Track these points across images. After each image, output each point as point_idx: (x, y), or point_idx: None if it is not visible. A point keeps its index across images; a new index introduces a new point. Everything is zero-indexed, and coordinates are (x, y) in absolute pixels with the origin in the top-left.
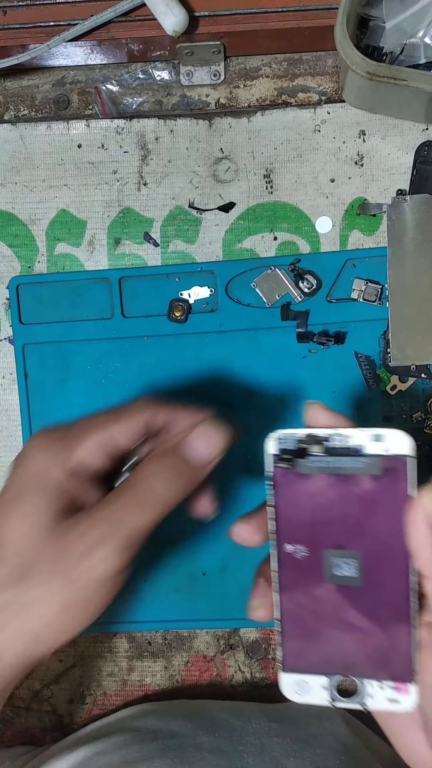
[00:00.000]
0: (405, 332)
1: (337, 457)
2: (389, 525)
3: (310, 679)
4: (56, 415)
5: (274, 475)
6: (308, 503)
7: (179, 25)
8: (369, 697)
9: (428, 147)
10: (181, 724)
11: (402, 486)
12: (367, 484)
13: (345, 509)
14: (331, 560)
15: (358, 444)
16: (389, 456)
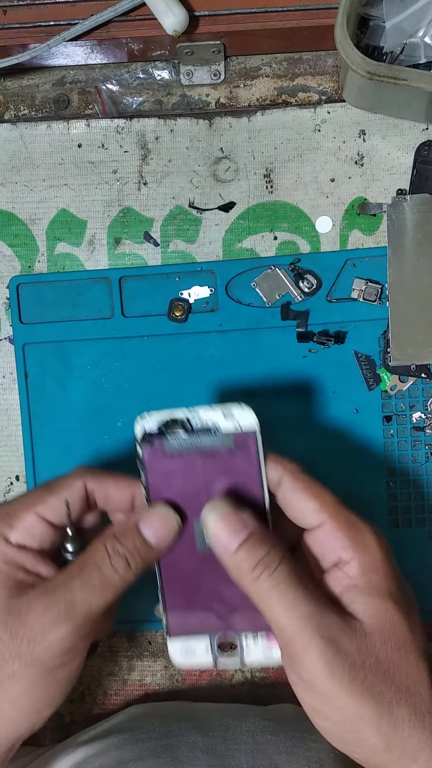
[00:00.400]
0: (405, 332)
1: (196, 436)
2: (245, 489)
3: (194, 643)
4: (56, 415)
5: (144, 457)
6: (176, 479)
7: (179, 25)
8: (246, 653)
9: (428, 147)
10: (175, 724)
11: (253, 455)
12: (224, 458)
13: (207, 481)
14: (201, 528)
15: (213, 423)
16: (240, 432)
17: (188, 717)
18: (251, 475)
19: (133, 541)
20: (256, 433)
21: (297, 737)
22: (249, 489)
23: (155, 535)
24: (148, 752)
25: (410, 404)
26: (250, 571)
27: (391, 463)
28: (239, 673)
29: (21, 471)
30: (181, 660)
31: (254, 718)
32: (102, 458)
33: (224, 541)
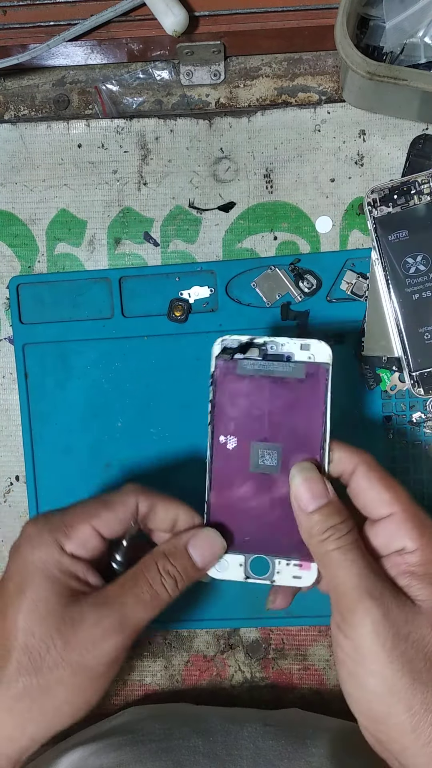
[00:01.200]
0: (380, 324)
1: (270, 362)
2: (307, 422)
3: (229, 558)
4: (56, 415)
5: (216, 374)
6: (242, 401)
7: (179, 25)
8: (277, 574)
9: (423, 140)
10: (176, 727)
11: (321, 388)
12: (293, 387)
13: (272, 407)
14: (257, 451)
15: (288, 351)
16: (313, 363)
17: (189, 720)
18: (316, 407)
19: (182, 562)
20: (329, 366)
21: (299, 743)
22: (311, 421)
23: (202, 557)
24: (148, 755)
25: (410, 404)
26: (320, 533)
27: (390, 464)
28: (239, 673)
29: (21, 471)
30: (214, 573)
31: (256, 724)
32: (102, 458)
33: (304, 501)
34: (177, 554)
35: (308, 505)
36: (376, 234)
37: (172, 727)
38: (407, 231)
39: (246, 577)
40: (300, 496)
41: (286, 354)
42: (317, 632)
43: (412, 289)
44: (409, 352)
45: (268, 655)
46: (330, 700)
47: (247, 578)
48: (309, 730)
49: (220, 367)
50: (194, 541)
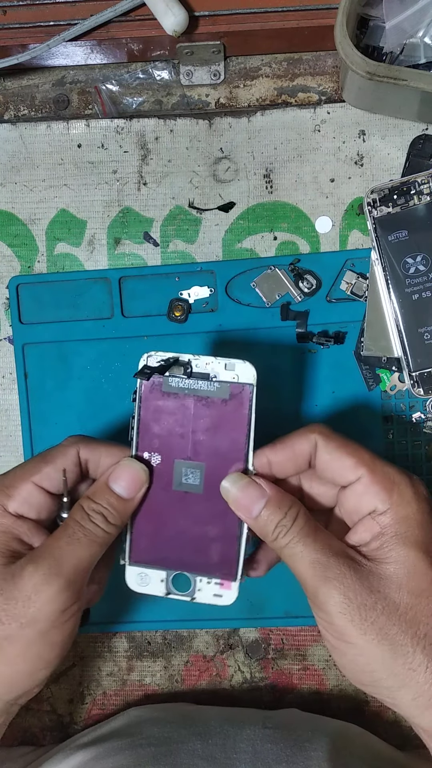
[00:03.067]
0: (380, 324)
1: (195, 380)
2: (230, 442)
3: (150, 573)
4: (56, 415)
5: (141, 389)
6: (167, 417)
7: (179, 25)
8: (198, 591)
9: (423, 140)
10: (175, 731)
11: (245, 409)
12: (217, 406)
13: (196, 426)
14: (180, 469)
15: (213, 370)
16: (237, 383)
17: (188, 722)
18: (240, 428)
19: (105, 497)
20: (253, 387)
21: (297, 746)
22: (235, 442)
23: (125, 488)
24: (147, 759)
25: (410, 404)
26: (271, 534)
27: None
28: (239, 673)
29: None
30: (135, 586)
31: (255, 726)
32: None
33: (246, 509)
34: (99, 492)
35: (252, 511)
36: (376, 234)
37: (171, 730)
38: (407, 231)
39: (167, 592)
40: (240, 507)
41: (210, 373)
42: (317, 632)
43: (412, 289)
44: (408, 352)
45: (268, 656)
46: (329, 699)
47: (168, 594)
48: (307, 733)
49: (145, 384)
50: (113, 475)
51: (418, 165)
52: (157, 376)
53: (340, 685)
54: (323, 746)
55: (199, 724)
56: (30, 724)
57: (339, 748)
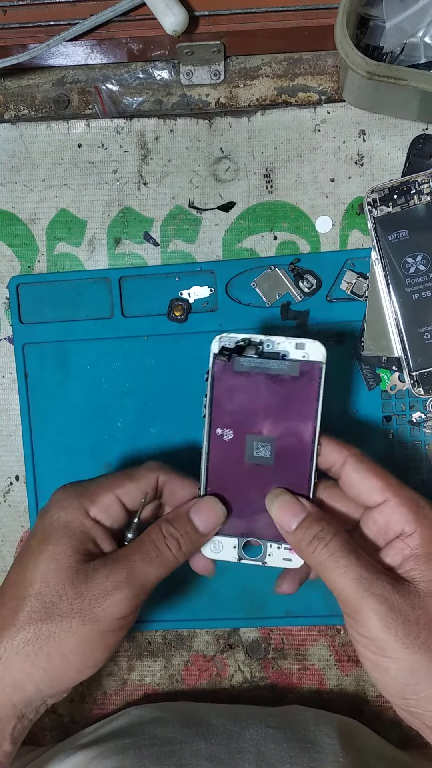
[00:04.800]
0: (380, 324)
1: (266, 360)
2: (300, 417)
3: (224, 540)
4: (56, 415)
5: (214, 369)
6: (238, 396)
7: (179, 25)
8: (269, 556)
9: (423, 140)
10: (178, 730)
11: (314, 385)
12: (287, 384)
13: (267, 403)
14: (252, 443)
15: (284, 349)
16: (307, 361)
17: (190, 721)
18: (309, 403)
19: (184, 526)
20: (322, 365)
21: (300, 747)
22: (304, 417)
23: (203, 522)
24: (151, 759)
25: (410, 404)
26: (308, 545)
27: (390, 463)
28: (239, 673)
29: (21, 471)
30: (209, 554)
31: (258, 726)
32: (102, 458)
33: (286, 523)
34: (179, 519)
35: (290, 525)
36: (376, 234)
37: (174, 730)
38: (407, 231)
39: (239, 558)
40: (280, 521)
41: (281, 352)
42: (317, 632)
43: (412, 289)
44: (408, 352)
45: (268, 655)
46: (330, 699)
47: (240, 559)
48: (310, 733)
49: (218, 363)
50: (195, 508)
51: (418, 165)
52: (230, 356)
53: (340, 685)
54: (327, 747)
55: (201, 724)
56: None
57: (342, 748)
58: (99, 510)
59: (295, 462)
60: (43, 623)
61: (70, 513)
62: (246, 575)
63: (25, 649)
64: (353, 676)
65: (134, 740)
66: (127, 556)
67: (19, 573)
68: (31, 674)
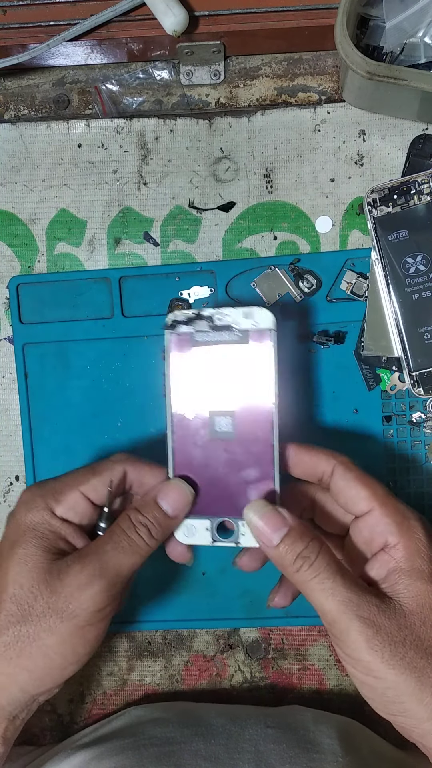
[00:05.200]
0: (381, 324)
1: (217, 332)
2: (256, 386)
3: (196, 523)
4: (56, 415)
5: (169, 347)
6: (195, 372)
7: (179, 25)
8: (242, 536)
9: (423, 140)
10: (177, 731)
11: (267, 354)
12: (241, 353)
13: (224, 375)
14: (213, 419)
15: (233, 320)
16: (257, 329)
17: (190, 721)
18: (265, 371)
19: (152, 512)
20: (272, 331)
21: (300, 748)
22: (262, 385)
23: (171, 505)
24: (150, 759)
25: (410, 404)
26: (291, 564)
27: (390, 464)
28: (239, 673)
29: (21, 471)
30: (183, 539)
31: (257, 726)
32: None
33: (267, 537)
34: (147, 506)
35: (272, 540)
36: (376, 234)
37: (174, 731)
38: (407, 231)
39: (213, 540)
40: (261, 535)
41: (231, 322)
42: (317, 632)
43: (412, 289)
44: (408, 352)
45: (268, 655)
46: (330, 699)
47: (214, 542)
48: (310, 733)
49: (173, 340)
50: (162, 493)
51: (418, 165)
52: (182, 333)
53: (340, 685)
54: (326, 747)
55: (201, 724)
56: (30, 724)
57: (342, 748)
58: (65, 509)
59: (257, 432)
60: (22, 625)
61: (36, 514)
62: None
63: (7, 652)
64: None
65: (133, 740)
66: (99, 548)
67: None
68: (15, 676)
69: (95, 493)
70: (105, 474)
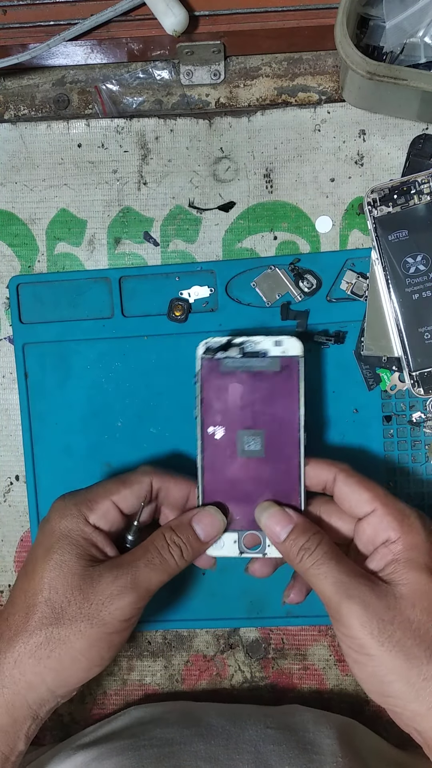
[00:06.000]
0: (380, 324)
1: (248, 358)
2: (284, 408)
3: (224, 536)
4: (56, 415)
5: (202, 372)
6: (226, 395)
7: (179, 25)
8: (269, 547)
9: (423, 140)
10: (177, 732)
11: (294, 378)
12: (270, 379)
13: (253, 398)
14: (242, 438)
15: (264, 348)
16: (286, 356)
17: (190, 722)
18: (292, 395)
19: (186, 534)
20: (300, 358)
21: (300, 749)
22: (289, 408)
23: (204, 531)
24: (150, 760)
25: (410, 404)
26: (295, 555)
27: (390, 463)
28: (239, 673)
29: (21, 471)
30: (212, 551)
31: (257, 726)
32: (102, 458)
33: (275, 534)
34: (182, 527)
35: (279, 536)
36: (376, 234)
37: (174, 732)
38: (407, 231)
39: (240, 552)
40: (270, 532)
41: (262, 351)
42: (317, 632)
43: (412, 289)
44: (409, 352)
45: (268, 655)
46: (330, 699)
47: (241, 553)
48: (309, 733)
49: (205, 365)
50: (197, 517)
51: (418, 165)
52: (213, 359)
53: (340, 685)
54: (326, 748)
55: (201, 725)
56: None
57: (341, 748)
58: (97, 516)
59: (285, 451)
60: (54, 627)
61: (70, 521)
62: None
63: (38, 652)
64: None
65: (133, 741)
66: (132, 562)
67: (27, 582)
68: (44, 675)
69: (125, 502)
70: (134, 486)
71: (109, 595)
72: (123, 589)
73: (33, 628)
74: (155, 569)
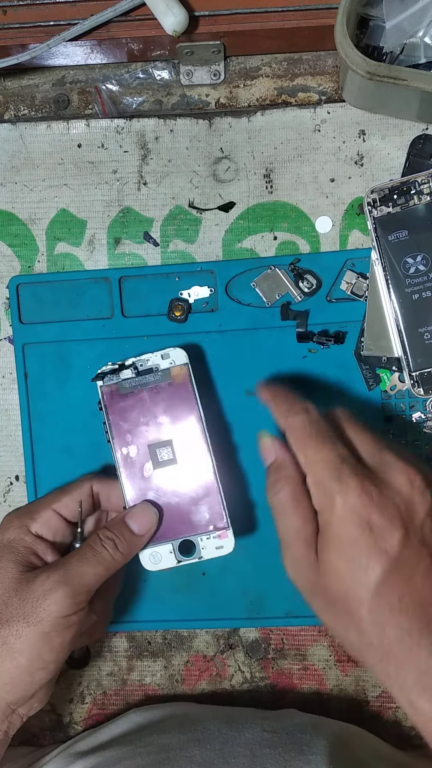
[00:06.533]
0: (380, 324)
1: (143, 376)
2: (186, 414)
3: (159, 549)
4: (56, 415)
5: (104, 398)
6: (130, 413)
7: (179, 25)
8: (203, 550)
9: (423, 140)
10: (174, 737)
11: (187, 384)
12: (166, 390)
13: (156, 411)
14: (154, 451)
15: (154, 363)
16: (174, 366)
17: (187, 727)
18: (189, 399)
19: (120, 529)
20: (187, 365)
21: (296, 751)
22: (189, 412)
23: (138, 524)
24: (147, 767)
25: (410, 404)
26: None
27: None
28: (239, 673)
29: (21, 471)
30: (151, 566)
31: (253, 730)
32: (101, 458)
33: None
34: (115, 524)
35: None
36: (376, 234)
37: (170, 737)
38: (407, 231)
39: (177, 561)
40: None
41: (153, 366)
42: (317, 632)
43: (412, 289)
44: (408, 352)
45: (268, 655)
46: (330, 699)
47: (179, 562)
48: (306, 737)
49: (105, 391)
50: (130, 514)
51: (418, 165)
52: (112, 384)
53: (340, 685)
54: (322, 750)
55: (198, 729)
56: (30, 724)
57: (338, 750)
58: (39, 525)
59: (195, 452)
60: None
61: (11, 533)
62: (246, 575)
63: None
64: (353, 677)
65: (131, 749)
66: (65, 560)
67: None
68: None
69: (67, 509)
70: (74, 492)
71: (43, 591)
72: (56, 583)
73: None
74: (88, 562)
